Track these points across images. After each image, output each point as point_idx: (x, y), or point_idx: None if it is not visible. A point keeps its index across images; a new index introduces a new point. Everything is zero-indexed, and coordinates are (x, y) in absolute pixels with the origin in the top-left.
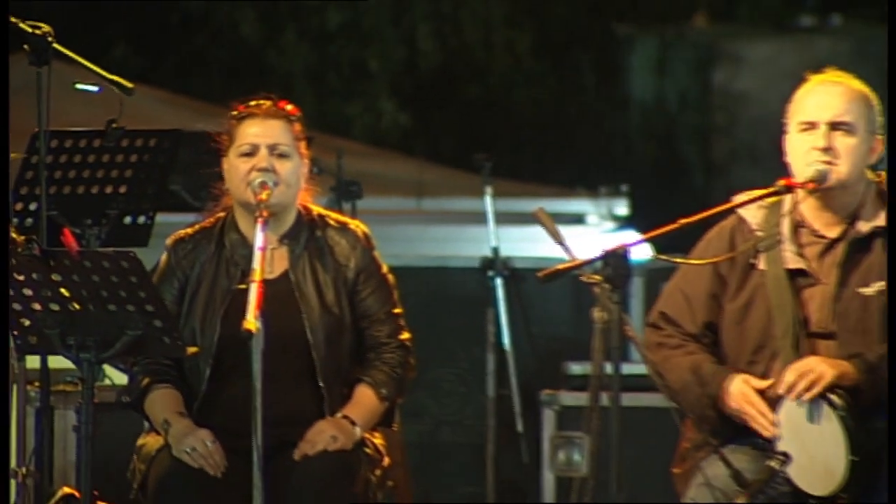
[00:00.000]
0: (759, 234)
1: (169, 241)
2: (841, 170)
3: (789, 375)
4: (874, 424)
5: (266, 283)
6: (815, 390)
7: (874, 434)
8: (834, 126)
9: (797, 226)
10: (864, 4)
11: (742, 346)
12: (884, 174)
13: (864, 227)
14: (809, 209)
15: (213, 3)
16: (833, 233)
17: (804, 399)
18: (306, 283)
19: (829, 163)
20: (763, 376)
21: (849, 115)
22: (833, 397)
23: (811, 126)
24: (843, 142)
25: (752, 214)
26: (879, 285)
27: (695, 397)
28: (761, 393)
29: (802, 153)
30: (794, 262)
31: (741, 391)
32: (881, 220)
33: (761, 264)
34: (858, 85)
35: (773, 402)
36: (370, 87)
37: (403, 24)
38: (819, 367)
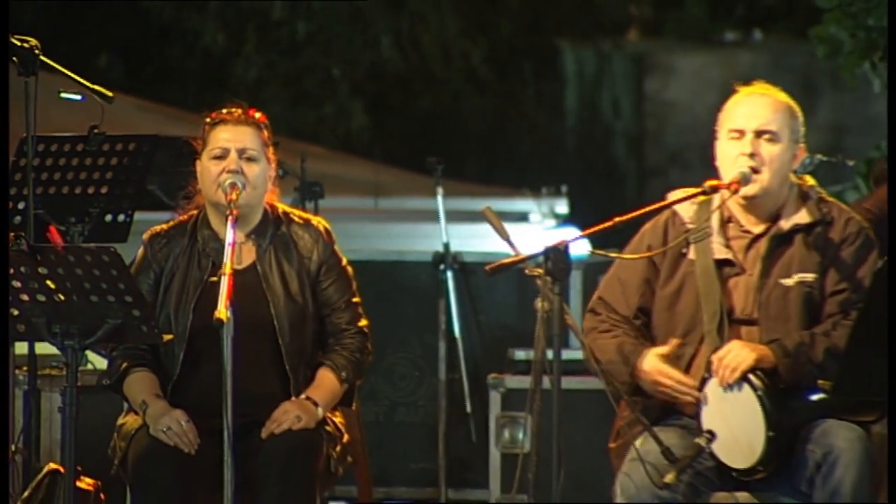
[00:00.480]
0: (691, 226)
1: (145, 235)
2: (764, 177)
3: (714, 360)
4: (790, 404)
5: (235, 274)
6: (737, 374)
7: (790, 413)
8: (759, 134)
9: (725, 221)
10: (782, 21)
11: (672, 329)
12: (805, 177)
13: (785, 224)
14: (737, 207)
15: (186, 16)
16: (757, 229)
17: (728, 382)
18: (272, 275)
19: (754, 168)
20: (692, 358)
21: (774, 124)
22: (753, 379)
23: (739, 134)
24: (767, 149)
25: (685, 210)
26: (799, 276)
27: (621, 375)
28: (676, 360)
29: (731, 159)
30: (721, 253)
31: (653, 366)
32: (800, 218)
33: (691, 254)
34: (784, 97)
35: (700, 382)
36: (334, 95)
37: (367, 37)
38: (741, 352)
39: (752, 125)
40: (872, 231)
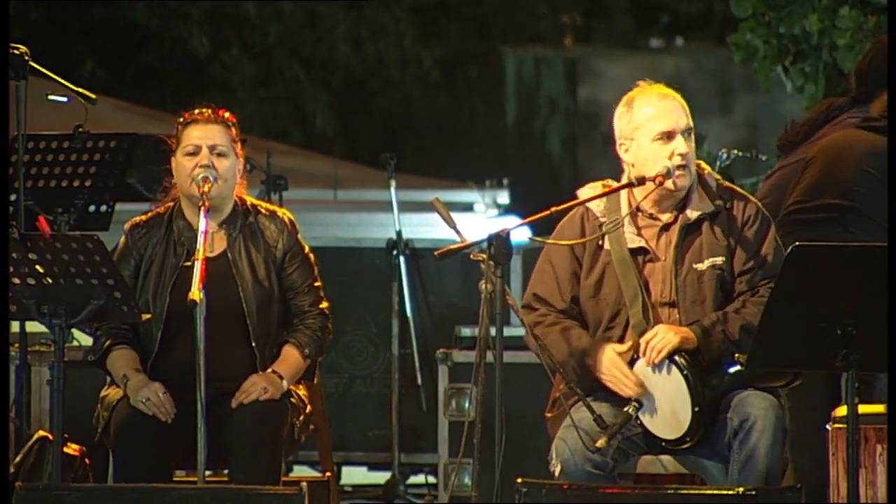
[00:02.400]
0: (602, 219)
1: (126, 226)
2: (692, 170)
3: (642, 343)
4: (712, 379)
5: (207, 260)
6: (663, 355)
7: (712, 388)
8: (683, 133)
9: (635, 211)
10: (702, 29)
11: (599, 316)
12: (700, 162)
13: (693, 214)
14: (645, 198)
15: (165, 23)
16: (665, 217)
17: (654, 363)
18: (241, 261)
19: (685, 166)
20: (620, 340)
21: (690, 122)
22: (678, 359)
23: (669, 136)
24: (690, 146)
25: (595, 204)
26: (710, 261)
27: (573, 369)
28: (625, 354)
29: (663, 158)
30: (633, 242)
31: (611, 361)
32: (706, 208)
33: (607, 245)
34: (678, 94)
35: (630, 361)
36: (301, 95)
37: (326, 42)
38: (666, 335)
39: (681, 126)
40: (767, 209)
